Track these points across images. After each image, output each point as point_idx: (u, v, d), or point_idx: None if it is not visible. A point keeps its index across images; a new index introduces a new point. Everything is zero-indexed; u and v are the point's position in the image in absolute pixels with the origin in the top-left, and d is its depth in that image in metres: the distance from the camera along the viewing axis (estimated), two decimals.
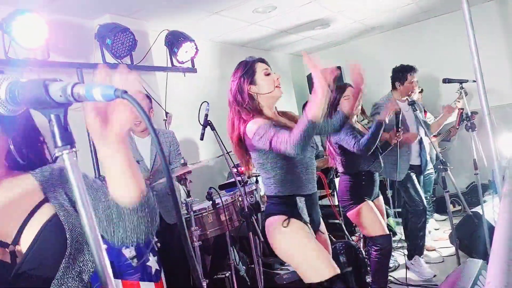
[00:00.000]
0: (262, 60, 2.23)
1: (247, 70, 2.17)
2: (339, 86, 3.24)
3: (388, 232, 3.14)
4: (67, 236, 1.03)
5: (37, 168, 1.12)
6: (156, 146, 0.65)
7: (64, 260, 1.01)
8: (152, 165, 3.30)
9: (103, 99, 0.69)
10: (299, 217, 2.14)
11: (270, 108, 2.22)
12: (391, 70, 4.05)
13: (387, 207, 4.11)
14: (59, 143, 0.73)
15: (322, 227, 2.37)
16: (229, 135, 2.24)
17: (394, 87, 4.01)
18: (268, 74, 2.18)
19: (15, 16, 2.93)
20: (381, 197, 3.40)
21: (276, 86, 2.17)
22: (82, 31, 3.76)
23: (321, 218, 2.36)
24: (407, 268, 3.78)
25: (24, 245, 0.99)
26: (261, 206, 3.49)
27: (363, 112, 3.39)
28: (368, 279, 3.33)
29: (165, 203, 3.29)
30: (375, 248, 3.13)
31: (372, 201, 3.22)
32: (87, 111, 0.91)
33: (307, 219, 2.18)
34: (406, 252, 3.97)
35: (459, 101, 4.53)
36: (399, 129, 3.33)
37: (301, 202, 2.17)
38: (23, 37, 2.98)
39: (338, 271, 2.10)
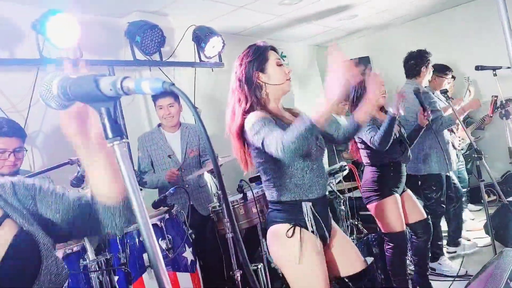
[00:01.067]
0: (274, 49, 2.04)
1: (258, 56, 1.96)
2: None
3: (404, 229, 2.97)
4: (41, 249, 1.01)
5: None
6: (204, 137, 0.67)
7: (39, 274, 0.99)
8: (183, 159, 3.36)
9: (151, 91, 0.72)
10: (305, 226, 1.91)
11: (276, 101, 2.02)
12: (406, 60, 3.86)
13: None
14: (110, 134, 0.77)
15: (335, 226, 2.13)
16: (228, 125, 2.01)
17: (418, 73, 3.78)
18: (280, 65, 1.99)
19: (48, 17, 3.00)
20: (409, 190, 3.19)
21: (287, 79, 1.98)
22: (111, 29, 3.84)
23: (331, 220, 2.10)
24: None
25: None
26: None
27: None
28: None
29: (198, 195, 3.38)
30: (390, 245, 2.99)
31: (400, 195, 3.04)
32: (64, 120, 0.97)
33: (314, 227, 1.93)
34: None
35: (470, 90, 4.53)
36: (426, 108, 3.14)
37: (307, 208, 1.92)
38: (57, 37, 3.06)
39: None
